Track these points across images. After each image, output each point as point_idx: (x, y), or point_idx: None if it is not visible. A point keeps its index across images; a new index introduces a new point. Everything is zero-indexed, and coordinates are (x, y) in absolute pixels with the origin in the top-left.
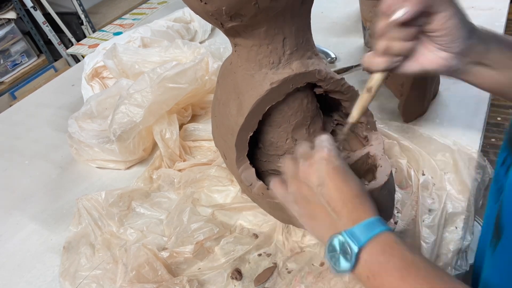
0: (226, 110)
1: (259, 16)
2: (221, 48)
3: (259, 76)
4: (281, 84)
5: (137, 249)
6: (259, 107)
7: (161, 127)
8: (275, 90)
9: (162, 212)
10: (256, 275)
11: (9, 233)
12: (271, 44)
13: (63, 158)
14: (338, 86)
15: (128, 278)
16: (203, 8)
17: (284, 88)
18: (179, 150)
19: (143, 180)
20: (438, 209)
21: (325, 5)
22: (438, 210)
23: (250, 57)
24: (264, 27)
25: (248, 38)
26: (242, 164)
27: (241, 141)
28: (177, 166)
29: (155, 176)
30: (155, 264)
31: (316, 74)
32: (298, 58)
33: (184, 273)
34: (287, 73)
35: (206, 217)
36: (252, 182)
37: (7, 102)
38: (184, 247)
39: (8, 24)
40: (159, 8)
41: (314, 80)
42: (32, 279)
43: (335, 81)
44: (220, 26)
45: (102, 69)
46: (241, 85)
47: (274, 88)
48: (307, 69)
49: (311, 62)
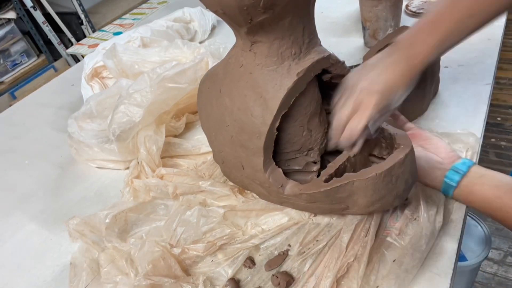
0: (246, 114)
1: (288, 6)
2: (221, 48)
3: (282, 69)
4: (305, 73)
5: (151, 244)
6: (286, 101)
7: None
8: (300, 80)
9: (161, 218)
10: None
11: (9, 233)
12: (292, 34)
13: (63, 158)
14: (342, 69)
15: (145, 272)
16: (238, 3)
17: (307, 77)
18: (158, 161)
19: (131, 193)
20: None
21: (325, 5)
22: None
23: (271, 52)
24: (289, 17)
25: (271, 32)
26: (269, 166)
27: (269, 141)
28: (160, 172)
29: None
30: (169, 260)
31: (330, 59)
32: (314, 45)
33: (197, 266)
34: (309, 61)
35: (217, 218)
36: (283, 183)
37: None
38: (195, 245)
39: (8, 24)
40: (159, 8)
41: (328, 65)
42: (32, 279)
43: (341, 64)
44: (248, 23)
45: (102, 69)
46: (263, 83)
47: (300, 78)
48: (324, 55)
49: (322, 49)
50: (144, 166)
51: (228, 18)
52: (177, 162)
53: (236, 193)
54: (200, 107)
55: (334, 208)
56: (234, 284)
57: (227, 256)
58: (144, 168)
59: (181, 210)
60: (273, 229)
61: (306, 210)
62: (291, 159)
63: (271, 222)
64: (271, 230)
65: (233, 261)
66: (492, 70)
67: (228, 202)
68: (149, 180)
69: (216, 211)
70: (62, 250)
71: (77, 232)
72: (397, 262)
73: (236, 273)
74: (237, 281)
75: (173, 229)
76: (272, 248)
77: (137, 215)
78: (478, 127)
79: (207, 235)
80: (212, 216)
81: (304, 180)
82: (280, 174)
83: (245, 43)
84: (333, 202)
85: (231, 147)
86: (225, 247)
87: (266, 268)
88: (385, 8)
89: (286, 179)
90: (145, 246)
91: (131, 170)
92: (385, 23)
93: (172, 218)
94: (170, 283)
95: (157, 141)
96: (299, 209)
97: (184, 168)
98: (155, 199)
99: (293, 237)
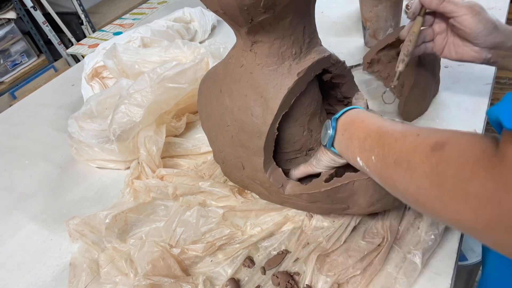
0: (246, 114)
1: (289, 5)
2: (221, 48)
3: (283, 69)
4: (306, 73)
5: (150, 245)
6: (287, 101)
7: (148, 134)
8: (301, 80)
9: (161, 219)
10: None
11: (9, 233)
12: (293, 34)
13: (63, 158)
14: (342, 69)
15: (144, 272)
16: (238, 3)
17: (307, 77)
18: (159, 161)
19: (131, 193)
20: None
21: (325, 5)
22: None
23: (272, 52)
24: (290, 17)
25: (272, 32)
26: (269, 166)
27: (270, 141)
28: (160, 172)
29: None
30: (168, 260)
31: (331, 59)
32: (314, 45)
33: (197, 266)
34: (309, 61)
35: (216, 219)
36: (283, 183)
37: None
38: (195, 245)
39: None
40: (159, 8)
41: (328, 65)
42: (32, 279)
43: (342, 64)
44: (248, 22)
45: (102, 69)
46: (263, 82)
47: (300, 78)
48: (324, 55)
49: (322, 49)
50: (144, 167)
51: (228, 18)
52: (178, 162)
53: (236, 194)
54: (200, 107)
55: (335, 208)
56: (234, 284)
57: (226, 256)
58: (144, 169)
59: (181, 211)
60: (273, 229)
61: (306, 210)
62: (292, 159)
63: (270, 222)
64: (271, 230)
65: (233, 260)
66: (492, 70)
67: (227, 203)
68: (149, 181)
69: (215, 211)
70: (62, 250)
71: (77, 232)
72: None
73: (236, 273)
74: (237, 281)
75: (173, 230)
76: (271, 248)
77: (137, 216)
78: (478, 127)
79: (206, 236)
80: (211, 216)
81: (304, 180)
82: (281, 174)
83: (246, 43)
84: (334, 202)
85: (231, 147)
86: (225, 247)
87: (266, 267)
88: (386, 8)
89: (287, 179)
90: (144, 246)
91: (131, 171)
92: (385, 23)
93: (172, 219)
94: (169, 283)
95: (157, 142)
96: (300, 209)
97: (184, 168)
98: (155, 200)
99: (292, 237)
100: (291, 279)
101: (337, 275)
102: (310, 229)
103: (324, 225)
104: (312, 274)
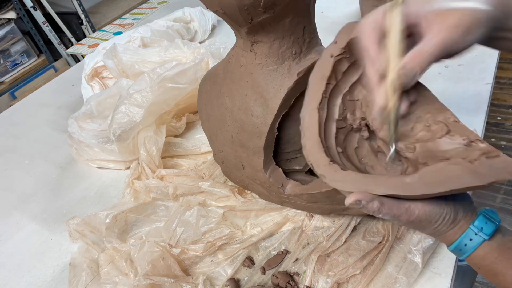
0: (246, 114)
1: (289, 5)
2: (221, 48)
3: (283, 69)
4: (306, 73)
5: (150, 245)
6: (287, 100)
7: (147, 134)
8: (301, 80)
9: (161, 219)
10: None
11: (9, 233)
12: (293, 34)
13: (63, 158)
14: None
15: (144, 272)
16: (238, 3)
17: (308, 77)
18: (159, 161)
19: (131, 193)
20: None
21: (325, 5)
22: None
23: (272, 52)
24: (289, 17)
25: (272, 32)
26: (269, 166)
27: (269, 141)
28: (160, 172)
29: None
30: (168, 260)
31: None
32: (314, 45)
33: (197, 266)
34: (309, 61)
35: (216, 219)
36: (283, 183)
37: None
38: (195, 245)
39: (8, 24)
40: (159, 8)
41: None
42: (32, 279)
43: None
44: (248, 22)
45: (102, 69)
46: (263, 82)
47: (300, 78)
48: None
49: (323, 48)
50: (145, 167)
51: (228, 18)
52: (178, 162)
53: (236, 194)
54: (200, 107)
55: (335, 208)
56: (234, 284)
57: (226, 256)
58: (144, 169)
59: (181, 211)
60: (273, 229)
61: (306, 210)
62: (292, 159)
63: (270, 222)
64: (271, 230)
65: (233, 260)
66: (492, 69)
67: (227, 203)
68: (150, 181)
69: (215, 211)
70: (62, 250)
71: (77, 232)
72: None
73: (236, 273)
74: (236, 281)
75: (173, 230)
76: (271, 248)
77: (137, 216)
78: (478, 126)
79: (206, 236)
80: (211, 216)
81: (304, 180)
82: (281, 174)
83: (246, 43)
84: (334, 202)
85: (231, 147)
86: (225, 247)
87: (266, 267)
88: None
89: (287, 179)
90: (144, 246)
91: (131, 171)
92: None
93: (172, 219)
94: (169, 283)
95: (157, 142)
96: (300, 209)
97: (184, 169)
98: (155, 200)
99: (292, 237)
100: (291, 279)
101: (337, 274)
102: (310, 229)
103: (324, 225)
104: (312, 275)
